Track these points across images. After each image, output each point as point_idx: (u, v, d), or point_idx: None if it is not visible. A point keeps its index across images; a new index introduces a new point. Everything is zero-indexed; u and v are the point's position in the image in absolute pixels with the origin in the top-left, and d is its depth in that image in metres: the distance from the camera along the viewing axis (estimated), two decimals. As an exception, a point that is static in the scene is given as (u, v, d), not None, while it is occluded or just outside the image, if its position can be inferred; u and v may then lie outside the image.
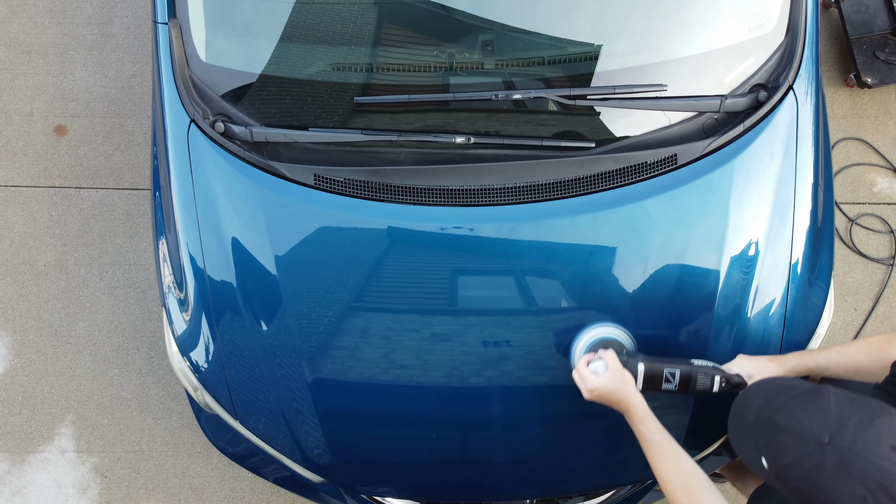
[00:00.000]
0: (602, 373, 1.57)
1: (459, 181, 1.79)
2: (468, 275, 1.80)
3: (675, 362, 1.62)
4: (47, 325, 2.71)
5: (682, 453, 1.50)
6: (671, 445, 1.50)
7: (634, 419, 1.54)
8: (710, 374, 1.60)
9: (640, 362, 1.60)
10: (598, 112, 1.82)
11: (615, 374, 1.55)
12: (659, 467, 1.49)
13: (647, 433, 1.51)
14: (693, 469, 1.48)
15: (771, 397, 1.29)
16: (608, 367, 1.57)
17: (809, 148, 1.86)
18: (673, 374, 1.59)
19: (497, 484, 1.93)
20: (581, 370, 1.60)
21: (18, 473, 2.64)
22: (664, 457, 1.48)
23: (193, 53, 1.83)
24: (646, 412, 1.53)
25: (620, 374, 1.55)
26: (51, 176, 2.81)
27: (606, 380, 1.55)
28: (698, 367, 1.61)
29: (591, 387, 1.57)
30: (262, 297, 1.83)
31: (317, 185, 1.79)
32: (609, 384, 1.55)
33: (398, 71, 1.81)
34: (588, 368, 1.59)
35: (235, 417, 1.92)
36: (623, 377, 1.55)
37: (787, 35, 1.85)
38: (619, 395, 1.55)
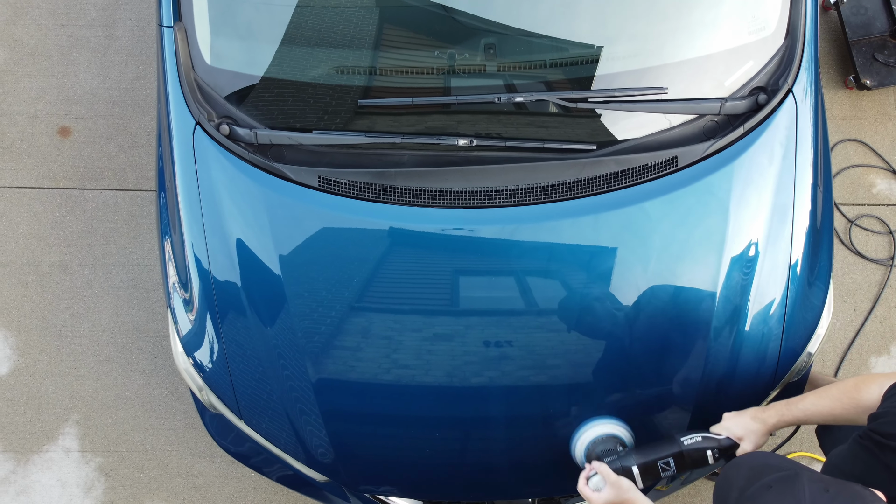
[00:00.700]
0: (602, 487, 1.64)
1: (462, 183, 1.81)
2: (469, 275, 1.82)
3: (664, 447, 1.67)
4: (51, 326, 2.73)
5: None
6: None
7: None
8: (701, 448, 1.66)
9: (634, 465, 1.66)
10: (600, 115, 1.84)
11: (613, 487, 1.62)
12: None
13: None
14: None
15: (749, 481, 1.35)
16: (605, 480, 1.64)
17: (809, 150, 1.88)
18: (667, 462, 1.66)
19: (499, 483, 1.95)
20: (583, 490, 1.67)
21: (23, 473, 2.66)
22: None
23: (198, 56, 1.85)
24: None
25: (618, 485, 1.62)
26: (55, 177, 2.83)
27: (607, 494, 1.62)
28: (688, 445, 1.66)
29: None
30: (266, 298, 1.85)
31: (321, 186, 1.81)
32: (610, 498, 1.62)
33: (401, 74, 1.82)
34: (588, 487, 1.66)
35: (240, 417, 1.93)
36: (621, 486, 1.62)
37: (787, 38, 1.86)
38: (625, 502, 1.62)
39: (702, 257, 1.82)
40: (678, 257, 1.81)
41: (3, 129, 2.85)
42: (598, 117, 1.84)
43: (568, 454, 1.89)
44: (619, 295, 1.82)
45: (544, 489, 1.98)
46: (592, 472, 1.67)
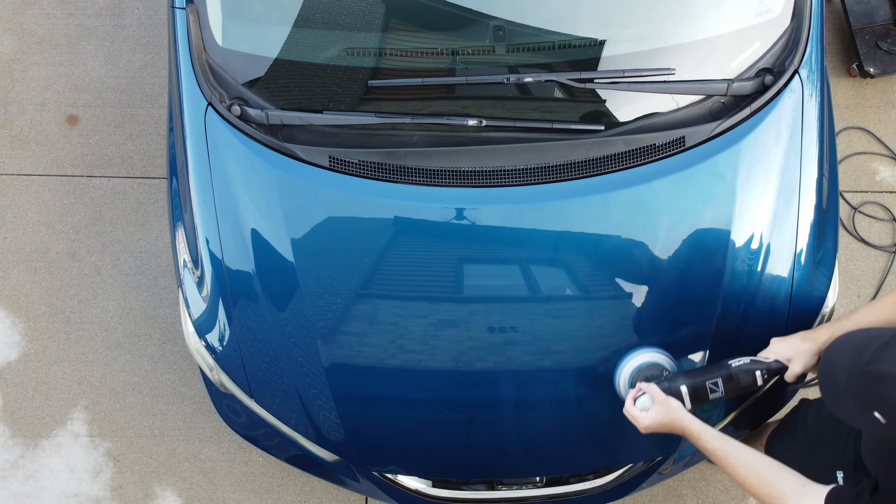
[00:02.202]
0: (649, 407, 1.62)
1: (471, 163, 1.83)
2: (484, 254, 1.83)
3: (713, 370, 1.66)
4: (60, 312, 2.75)
5: (745, 451, 1.53)
6: (733, 448, 1.54)
7: (692, 438, 1.59)
8: (750, 370, 1.64)
9: (682, 384, 1.64)
10: (607, 97, 1.86)
11: (662, 406, 1.60)
12: (730, 471, 1.54)
13: (706, 445, 1.56)
14: (761, 460, 1.52)
15: (858, 353, 1.30)
16: (654, 399, 1.62)
17: (815, 131, 1.90)
18: (715, 383, 1.64)
19: (506, 462, 1.96)
20: (630, 411, 1.65)
21: (32, 458, 2.67)
22: (730, 460, 1.53)
23: (210, 38, 1.87)
24: (700, 428, 1.58)
25: (667, 404, 1.60)
26: (63, 165, 2.84)
27: (655, 413, 1.61)
28: (737, 367, 1.65)
29: (644, 424, 1.63)
30: (277, 280, 1.86)
31: (332, 166, 1.83)
32: (659, 417, 1.61)
33: (411, 55, 1.84)
34: (636, 407, 1.65)
35: (251, 396, 1.95)
36: (670, 405, 1.60)
37: (793, 20, 1.88)
38: (672, 424, 1.61)
39: (709, 237, 1.84)
40: (685, 237, 1.83)
41: (11, 118, 2.87)
42: (606, 99, 1.86)
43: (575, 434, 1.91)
44: (627, 275, 1.84)
45: (551, 468, 1.99)
46: (640, 393, 1.64)
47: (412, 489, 2.08)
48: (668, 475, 2.20)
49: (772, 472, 1.49)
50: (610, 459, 1.99)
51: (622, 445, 1.96)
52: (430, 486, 2.09)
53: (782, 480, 1.47)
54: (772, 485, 1.47)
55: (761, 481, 1.49)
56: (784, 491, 1.46)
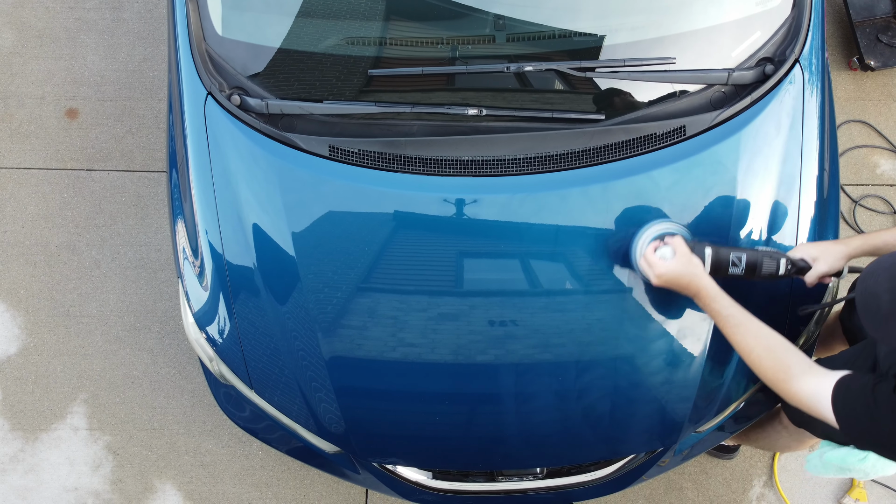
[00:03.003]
0: (670, 258, 1.58)
1: (472, 152, 1.82)
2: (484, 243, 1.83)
3: (740, 248, 1.64)
4: (60, 306, 2.74)
5: (758, 322, 1.50)
6: (745, 317, 1.51)
7: (706, 299, 1.55)
8: (775, 257, 1.62)
9: (708, 246, 1.62)
10: (608, 86, 1.85)
11: (683, 258, 1.56)
12: (738, 339, 1.50)
13: (721, 310, 1.52)
14: (772, 334, 1.49)
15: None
16: (676, 252, 1.58)
17: (815, 120, 1.89)
18: (739, 258, 1.61)
19: (507, 454, 1.96)
20: (649, 257, 1.61)
21: (31, 451, 2.67)
22: (742, 329, 1.50)
23: (210, 27, 1.86)
24: (717, 291, 1.54)
25: (689, 258, 1.56)
26: (63, 158, 2.84)
27: (675, 264, 1.56)
28: (764, 252, 1.62)
29: (659, 272, 1.58)
30: (277, 269, 1.86)
31: (332, 156, 1.82)
32: (678, 268, 1.56)
33: (411, 44, 1.84)
34: (656, 255, 1.60)
35: (251, 387, 1.94)
36: (691, 261, 1.56)
37: (794, 9, 1.88)
38: (688, 278, 1.56)
39: (709, 227, 1.83)
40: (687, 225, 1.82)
41: (11, 111, 2.86)
42: (607, 88, 1.85)
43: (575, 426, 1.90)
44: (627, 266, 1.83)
45: (551, 459, 1.99)
46: (664, 245, 1.61)
47: (412, 481, 2.08)
48: (667, 468, 2.20)
49: (782, 346, 1.46)
50: (610, 451, 1.99)
51: (622, 437, 1.95)
52: (431, 478, 2.08)
53: (791, 356, 1.44)
54: (780, 358, 1.44)
55: (770, 353, 1.46)
56: (791, 366, 1.43)
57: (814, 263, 1.63)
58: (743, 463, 2.66)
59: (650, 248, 1.63)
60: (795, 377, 1.43)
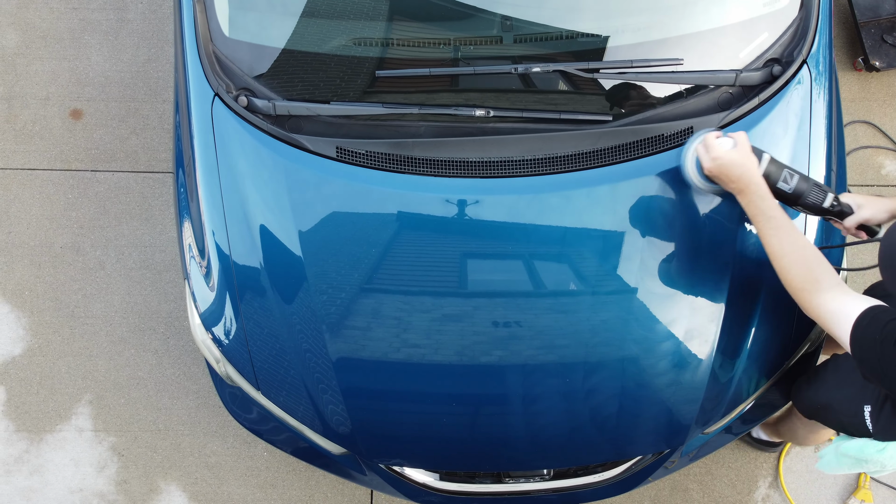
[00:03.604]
0: (730, 147, 1.58)
1: (479, 153, 1.82)
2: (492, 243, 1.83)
3: (796, 170, 1.65)
4: (64, 307, 2.74)
5: (798, 230, 1.51)
6: (787, 222, 1.51)
7: (754, 196, 1.55)
8: (824, 190, 1.64)
9: (766, 153, 1.63)
10: (615, 87, 1.85)
11: (743, 150, 1.55)
12: (775, 242, 1.50)
13: (766, 210, 1.53)
14: (810, 245, 1.49)
15: None
16: (738, 144, 1.57)
17: (823, 121, 1.89)
18: (792, 176, 1.62)
19: (513, 455, 1.96)
20: (710, 140, 1.60)
21: (36, 452, 2.66)
22: (782, 232, 1.50)
23: (217, 28, 1.86)
24: (766, 190, 1.54)
25: (748, 152, 1.55)
26: (67, 159, 2.84)
27: (735, 153, 1.56)
28: (815, 182, 1.64)
29: (716, 154, 1.57)
30: (285, 270, 1.86)
31: (339, 157, 1.82)
32: (735, 156, 1.56)
33: (418, 45, 1.83)
34: (717, 140, 1.60)
35: (257, 388, 1.94)
36: (750, 156, 1.56)
37: (801, 10, 1.88)
38: (742, 171, 1.56)
39: (716, 228, 1.83)
40: (694, 226, 1.82)
41: (15, 112, 2.86)
42: (614, 89, 1.85)
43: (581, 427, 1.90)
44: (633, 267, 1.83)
45: (559, 460, 1.99)
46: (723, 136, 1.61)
47: (420, 482, 2.08)
48: (673, 469, 2.20)
49: (816, 258, 1.46)
50: (617, 452, 1.98)
51: (630, 438, 1.95)
52: (438, 480, 2.08)
53: (824, 269, 1.44)
54: (811, 269, 1.44)
55: (803, 261, 1.46)
56: (820, 278, 1.43)
57: (857, 210, 1.64)
58: (748, 464, 2.65)
59: (712, 134, 1.62)
60: (823, 290, 1.43)
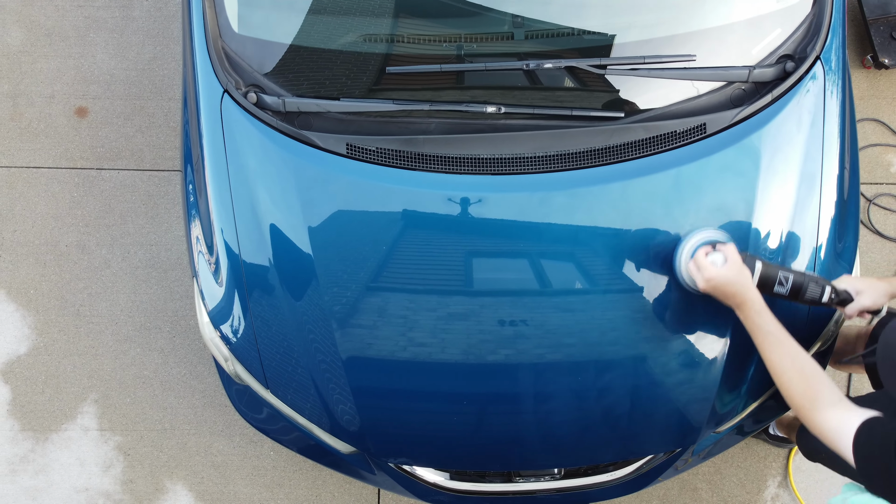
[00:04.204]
0: (721, 264, 1.57)
1: (490, 150, 1.81)
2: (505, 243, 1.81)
3: (788, 268, 1.64)
4: (69, 305, 2.73)
5: (797, 345, 1.49)
6: (786, 337, 1.50)
7: (750, 311, 1.54)
8: (821, 284, 1.62)
9: (758, 261, 1.62)
10: (628, 82, 1.84)
11: (735, 266, 1.55)
12: (775, 358, 1.49)
13: (763, 325, 1.52)
14: (809, 360, 1.48)
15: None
16: (728, 259, 1.57)
17: (836, 118, 1.88)
18: (787, 278, 1.61)
19: (523, 454, 1.94)
20: (700, 260, 1.60)
21: (42, 452, 2.65)
22: (780, 348, 1.49)
23: (226, 24, 1.85)
24: (762, 305, 1.53)
25: (740, 267, 1.55)
26: (72, 157, 2.82)
27: (726, 270, 1.55)
28: (811, 277, 1.62)
29: (709, 275, 1.57)
30: (295, 268, 1.84)
31: (349, 153, 1.81)
32: (728, 274, 1.55)
33: (429, 42, 1.82)
34: (707, 259, 1.59)
35: (266, 387, 1.93)
36: (742, 271, 1.55)
37: (815, 6, 1.86)
38: (737, 288, 1.55)
39: (729, 225, 1.82)
40: (706, 224, 1.81)
41: (20, 110, 2.85)
42: (627, 85, 1.84)
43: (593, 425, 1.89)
44: (646, 265, 1.81)
45: (570, 459, 1.97)
46: (715, 251, 1.61)
47: (430, 482, 2.06)
48: (683, 469, 2.18)
49: (815, 373, 1.45)
50: (629, 451, 1.97)
51: (641, 437, 1.94)
52: (448, 479, 2.07)
53: (823, 385, 1.43)
54: (811, 385, 1.44)
55: (802, 377, 1.45)
56: (819, 395, 1.42)
57: (857, 296, 1.63)
58: (757, 463, 2.64)
59: (701, 252, 1.62)
60: (823, 407, 1.42)
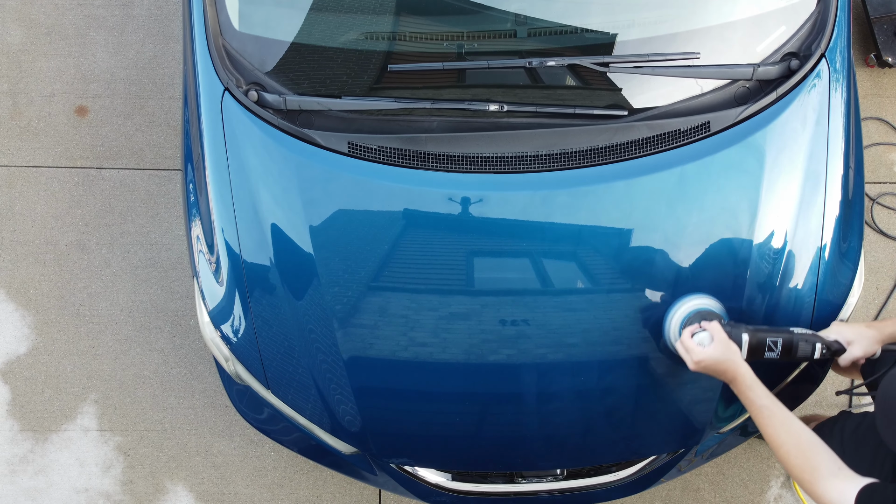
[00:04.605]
0: (707, 344, 1.58)
1: (493, 148, 1.80)
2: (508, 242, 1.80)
3: (776, 331, 1.64)
4: (69, 305, 2.71)
5: (791, 416, 1.50)
6: (780, 409, 1.51)
7: (742, 387, 1.54)
8: (811, 341, 1.63)
9: (744, 332, 1.62)
10: (631, 80, 1.82)
11: (721, 345, 1.56)
12: (770, 431, 1.50)
13: (756, 399, 1.52)
14: (804, 430, 1.48)
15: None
16: (714, 338, 1.57)
17: (841, 116, 1.87)
18: (775, 342, 1.62)
19: (526, 454, 1.93)
20: (686, 342, 1.60)
21: (41, 452, 2.64)
22: (775, 421, 1.49)
23: (227, 21, 1.84)
24: (753, 380, 1.54)
25: (726, 345, 1.56)
26: (72, 156, 2.81)
27: (713, 350, 1.56)
28: (799, 335, 1.63)
29: (697, 358, 1.57)
30: (296, 267, 1.83)
31: (350, 152, 1.80)
32: (716, 355, 1.56)
33: (431, 39, 1.81)
34: (693, 340, 1.60)
35: (267, 387, 1.92)
36: (729, 347, 1.56)
37: (819, 3, 1.85)
38: (726, 366, 1.56)
39: (734, 224, 1.81)
40: (710, 223, 1.80)
41: (20, 109, 2.84)
42: (630, 83, 1.83)
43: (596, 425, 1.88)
44: (652, 260, 1.80)
45: (573, 460, 1.96)
46: (699, 330, 1.61)
47: (431, 483, 2.05)
48: (686, 470, 2.17)
49: (811, 445, 1.46)
50: (632, 451, 1.96)
51: (645, 437, 1.93)
52: (450, 480, 2.06)
53: (820, 456, 1.44)
54: (809, 458, 1.44)
55: (799, 451, 1.45)
56: (818, 467, 1.43)
57: (848, 347, 1.64)
58: (760, 464, 2.63)
59: (687, 333, 1.62)
60: (823, 479, 1.43)
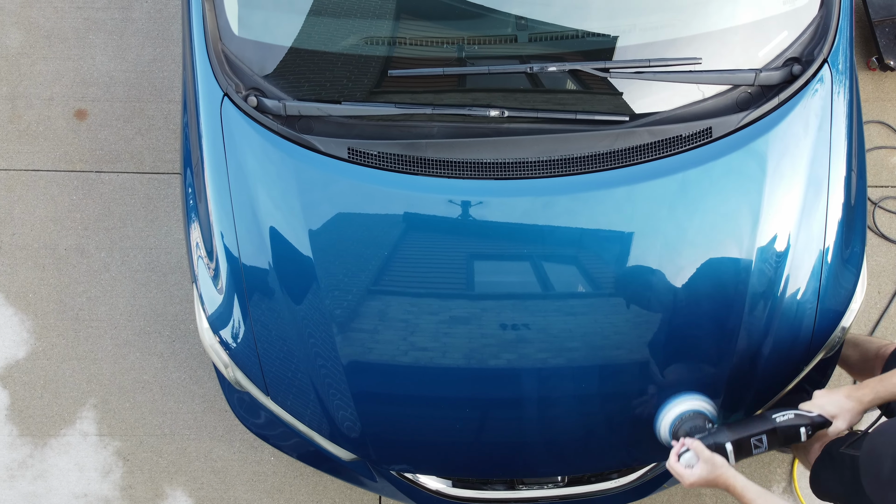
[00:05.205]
0: (694, 463, 1.63)
1: (493, 154, 1.79)
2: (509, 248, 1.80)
3: (757, 424, 1.66)
4: (69, 309, 2.71)
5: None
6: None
7: (735, 493, 1.60)
8: (795, 425, 1.65)
9: (727, 441, 1.65)
10: (633, 86, 1.82)
11: (707, 464, 1.61)
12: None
13: (751, 501, 1.57)
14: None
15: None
16: (699, 457, 1.62)
17: (843, 121, 1.86)
18: (760, 439, 1.65)
19: (527, 461, 1.93)
20: (675, 467, 1.66)
21: (40, 457, 2.63)
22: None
23: (226, 27, 1.83)
24: (744, 485, 1.59)
25: (712, 461, 1.61)
26: (71, 160, 2.80)
27: (700, 471, 1.61)
28: (782, 422, 1.65)
29: (689, 482, 1.63)
30: (295, 274, 1.82)
31: (350, 158, 1.79)
32: (703, 474, 1.61)
33: (431, 44, 1.80)
34: (680, 463, 1.65)
35: (267, 394, 1.91)
36: (715, 462, 1.60)
37: (822, 8, 1.84)
38: (717, 481, 1.61)
39: (736, 229, 1.80)
40: (712, 229, 1.79)
41: (19, 112, 2.83)
42: (631, 89, 1.82)
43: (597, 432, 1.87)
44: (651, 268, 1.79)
45: (574, 466, 1.96)
46: (684, 449, 1.65)
47: (432, 489, 2.04)
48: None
49: None
50: (633, 457, 1.96)
51: (646, 443, 1.92)
52: (450, 486, 2.05)
53: None
54: None
55: None
56: None
57: (833, 421, 1.67)
58: (762, 469, 2.62)
59: (673, 458, 1.66)
60: None
